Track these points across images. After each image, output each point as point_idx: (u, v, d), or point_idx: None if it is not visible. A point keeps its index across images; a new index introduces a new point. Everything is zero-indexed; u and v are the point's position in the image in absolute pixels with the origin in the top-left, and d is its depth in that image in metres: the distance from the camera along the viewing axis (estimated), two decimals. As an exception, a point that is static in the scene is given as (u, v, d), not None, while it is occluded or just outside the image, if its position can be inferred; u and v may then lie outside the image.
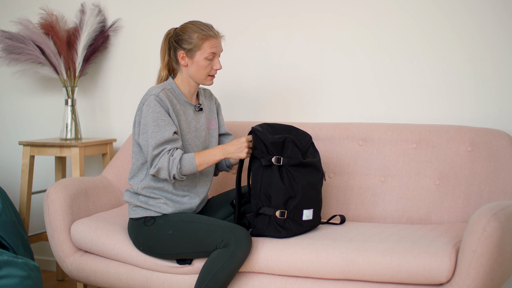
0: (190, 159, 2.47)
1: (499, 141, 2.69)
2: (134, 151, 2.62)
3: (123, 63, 3.59)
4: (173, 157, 2.45)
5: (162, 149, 2.46)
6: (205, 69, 2.57)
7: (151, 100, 2.50)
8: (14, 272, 2.47)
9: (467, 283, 2.14)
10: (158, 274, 2.58)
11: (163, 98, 2.51)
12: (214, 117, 2.76)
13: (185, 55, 2.57)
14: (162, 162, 2.45)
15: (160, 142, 2.46)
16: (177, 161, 2.45)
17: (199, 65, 2.56)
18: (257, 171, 2.51)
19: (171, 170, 2.45)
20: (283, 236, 2.48)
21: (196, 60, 2.56)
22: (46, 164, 3.78)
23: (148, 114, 2.49)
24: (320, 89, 3.19)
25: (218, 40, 2.57)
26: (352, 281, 2.34)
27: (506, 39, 2.85)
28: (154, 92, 2.52)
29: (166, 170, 2.46)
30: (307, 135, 2.64)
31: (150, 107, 2.49)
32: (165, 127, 2.47)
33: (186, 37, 2.55)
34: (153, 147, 2.46)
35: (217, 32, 2.58)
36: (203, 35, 2.54)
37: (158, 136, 2.46)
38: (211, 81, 2.61)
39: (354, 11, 3.10)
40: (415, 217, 2.75)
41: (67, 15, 3.58)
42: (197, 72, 2.57)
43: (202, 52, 2.54)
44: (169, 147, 2.47)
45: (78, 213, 2.84)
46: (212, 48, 2.55)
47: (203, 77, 2.59)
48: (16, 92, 3.85)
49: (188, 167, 2.47)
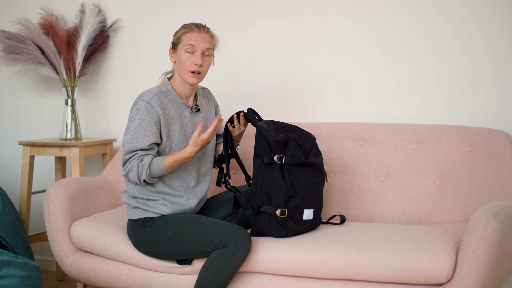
0: (159, 163, 2.50)
1: (499, 141, 2.69)
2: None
3: (123, 63, 3.59)
4: (142, 163, 2.50)
5: (133, 154, 2.51)
6: (185, 63, 2.56)
7: (141, 105, 2.52)
8: (14, 272, 2.47)
9: (467, 283, 2.14)
10: (158, 274, 2.58)
11: (154, 105, 2.52)
12: (212, 117, 2.76)
13: (172, 51, 2.63)
14: (131, 166, 2.51)
15: (134, 149, 2.51)
16: (146, 167, 2.49)
17: (180, 58, 2.58)
18: (259, 169, 2.52)
19: (141, 175, 2.51)
20: (283, 235, 2.48)
21: (178, 54, 2.59)
22: (46, 164, 3.78)
23: (134, 118, 2.53)
24: (320, 90, 3.19)
25: (200, 35, 2.58)
26: (352, 281, 2.34)
27: (506, 39, 2.85)
28: (146, 97, 2.54)
29: (135, 174, 2.51)
30: (311, 136, 2.64)
31: (138, 112, 2.52)
32: (144, 136, 2.50)
33: (174, 34, 2.63)
34: (126, 151, 2.52)
35: (202, 27, 2.60)
36: (185, 29, 2.60)
37: (134, 143, 2.50)
38: (192, 78, 2.58)
39: (354, 13, 3.10)
40: (415, 217, 2.75)
41: (67, 15, 3.58)
42: (180, 67, 2.59)
43: (183, 44, 2.58)
44: (140, 153, 2.51)
45: (78, 213, 2.84)
46: (190, 40, 2.56)
47: (185, 72, 2.58)
48: (16, 92, 3.84)
49: (157, 170, 2.51)
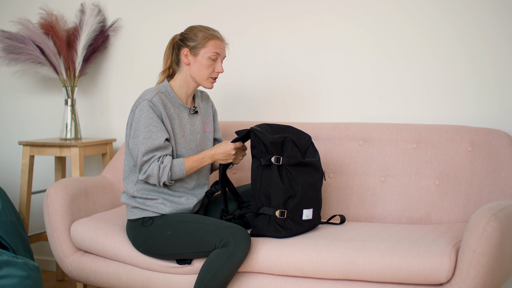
0: (180, 165, 2.50)
1: (499, 141, 2.69)
2: (126, 153, 2.63)
3: (123, 63, 3.59)
4: (163, 165, 2.48)
5: (151, 156, 2.48)
6: (207, 69, 2.57)
7: (144, 105, 2.50)
8: (14, 272, 2.47)
9: (467, 283, 2.14)
10: (158, 274, 2.58)
11: (156, 103, 2.51)
12: (210, 120, 2.75)
13: (188, 53, 2.58)
14: (152, 169, 2.48)
15: (150, 149, 2.48)
16: (167, 169, 2.48)
17: (202, 64, 2.56)
18: (256, 171, 2.51)
19: (162, 178, 2.49)
20: (283, 236, 2.48)
21: (199, 58, 2.56)
22: (46, 164, 3.78)
23: (140, 119, 2.50)
24: (320, 89, 3.19)
25: (222, 43, 2.60)
26: (352, 281, 2.34)
27: (506, 39, 2.85)
28: (147, 96, 2.52)
29: (156, 177, 2.49)
30: (306, 135, 2.63)
31: (143, 112, 2.50)
32: (157, 133, 2.48)
33: (191, 35, 2.58)
34: (143, 153, 2.48)
35: (222, 37, 2.61)
36: (208, 34, 2.57)
37: (148, 143, 2.47)
38: (211, 84, 2.61)
39: (354, 12, 3.10)
40: (415, 217, 2.75)
41: (67, 15, 3.58)
42: (199, 71, 2.57)
43: (206, 50, 2.55)
44: (159, 154, 2.49)
45: (78, 213, 2.84)
46: (216, 48, 2.56)
47: (205, 78, 2.59)
48: (16, 92, 3.84)
49: (178, 173, 2.51)
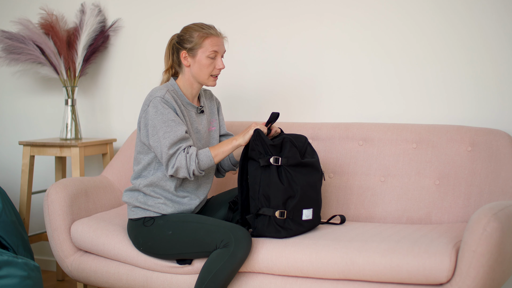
0: (205, 152, 2.49)
1: (499, 141, 2.69)
2: (140, 152, 2.61)
3: (123, 63, 3.59)
4: (189, 154, 2.46)
5: (177, 148, 2.46)
6: (207, 68, 2.57)
7: (157, 102, 2.49)
8: (14, 272, 2.47)
9: (467, 283, 2.14)
10: (158, 274, 2.58)
11: (169, 100, 2.50)
12: (215, 119, 2.76)
13: (187, 55, 2.57)
14: (180, 160, 2.46)
15: (174, 141, 2.46)
16: (194, 157, 2.45)
17: (201, 64, 2.56)
18: (255, 172, 2.51)
19: (190, 167, 2.46)
20: (283, 236, 2.48)
21: (198, 59, 2.56)
22: (46, 164, 3.78)
23: (156, 116, 2.48)
24: (320, 89, 3.19)
25: (219, 39, 2.58)
26: (352, 281, 2.34)
27: (506, 39, 2.85)
28: (159, 94, 2.51)
29: (185, 168, 2.46)
30: (302, 137, 2.63)
31: (158, 109, 2.48)
32: (176, 126, 2.47)
33: (187, 37, 2.57)
34: (168, 146, 2.46)
35: (218, 32, 2.59)
36: (203, 33, 2.55)
37: (171, 135, 2.46)
38: (214, 81, 2.61)
39: (354, 11, 3.10)
40: (415, 217, 2.75)
41: (67, 15, 3.58)
42: (200, 71, 2.57)
43: (204, 50, 2.55)
44: (183, 145, 2.47)
45: (78, 213, 2.84)
46: (213, 46, 2.55)
47: (206, 77, 2.59)
48: (16, 92, 3.84)
49: (205, 160, 2.48)
